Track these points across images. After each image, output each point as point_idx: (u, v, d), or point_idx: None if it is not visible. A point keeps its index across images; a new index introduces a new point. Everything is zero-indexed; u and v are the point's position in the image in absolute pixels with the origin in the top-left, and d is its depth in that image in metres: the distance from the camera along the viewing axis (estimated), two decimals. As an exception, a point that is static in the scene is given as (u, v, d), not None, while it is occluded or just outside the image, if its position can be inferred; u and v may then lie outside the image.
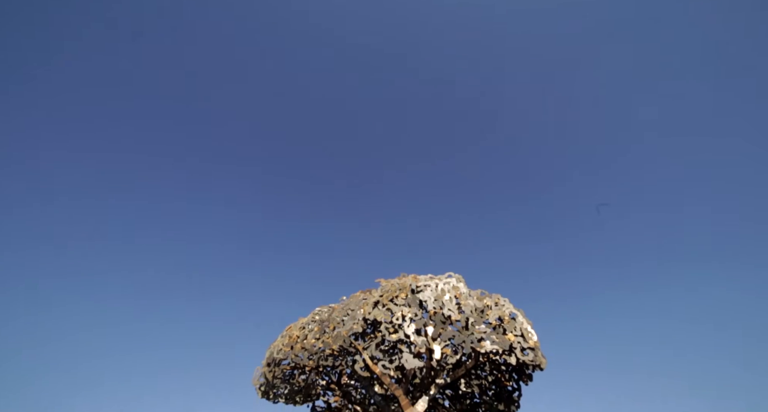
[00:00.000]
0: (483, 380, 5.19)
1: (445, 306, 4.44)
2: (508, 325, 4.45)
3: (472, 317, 4.42)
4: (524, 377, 4.84)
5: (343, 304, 5.06)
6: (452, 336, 4.29)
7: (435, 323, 4.36)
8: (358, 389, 5.58)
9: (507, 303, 4.71)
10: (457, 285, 4.73)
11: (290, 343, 5.24)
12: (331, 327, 4.74)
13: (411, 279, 4.78)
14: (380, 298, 4.59)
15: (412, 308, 4.45)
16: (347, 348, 4.49)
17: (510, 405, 5.05)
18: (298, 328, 5.42)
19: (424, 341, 4.22)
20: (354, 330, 4.44)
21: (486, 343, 4.22)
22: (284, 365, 5.35)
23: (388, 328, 4.33)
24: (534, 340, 4.42)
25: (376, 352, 4.36)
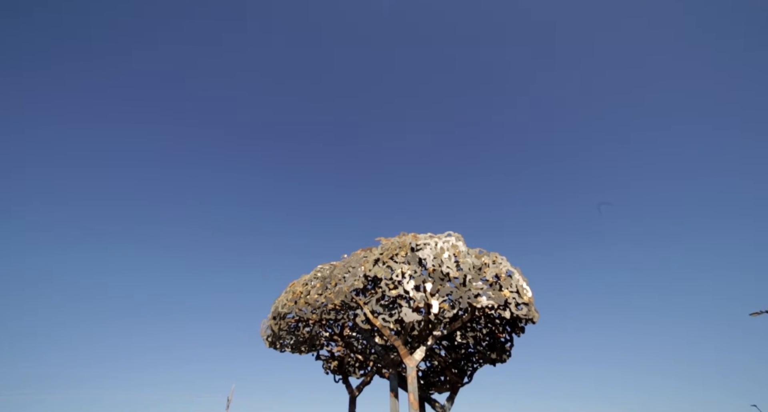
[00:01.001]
0: (478, 332, 5.47)
1: (443, 264, 4.55)
2: (505, 282, 4.58)
3: (470, 274, 4.54)
4: (517, 330, 5.09)
5: (344, 261, 5.19)
6: (450, 292, 4.44)
7: (434, 279, 4.49)
8: (360, 340, 5.91)
9: (504, 261, 4.82)
10: (456, 244, 4.81)
11: (294, 298, 5.45)
12: (333, 283, 4.90)
13: (411, 238, 4.85)
14: (381, 256, 4.69)
15: (411, 266, 4.56)
16: (349, 303, 4.67)
17: (502, 354, 5.37)
18: (301, 284, 5.61)
19: (423, 297, 4.38)
20: (355, 286, 4.59)
21: (482, 298, 4.37)
22: (289, 319, 5.60)
23: (388, 284, 4.47)
24: (528, 296, 4.58)
25: (376, 306, 4.54)
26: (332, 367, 6.33)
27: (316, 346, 5.97)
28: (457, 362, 5.75)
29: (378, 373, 6.09)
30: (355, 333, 5.54)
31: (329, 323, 5.54)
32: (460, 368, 5.73)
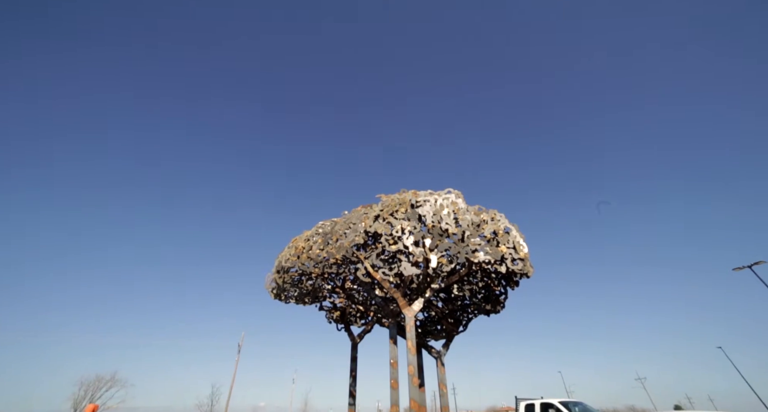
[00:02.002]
0: (474, 286, 5.70)
1: (443, 220, 4.60)
2: (502, 238, 4.67)
3: (468, 230, 4.61)
4: (512, 283, 5.30)
5: (345, 218, 5.26)
6: (448, 247, 4.54)
7: (433, 235, 4.58)
8: (361, 292, 6.18)
9: (503, 218, 4.87)
10: (455, 201, 4.83)
11: (296, 253, 5.60)
12: (335, 239, 5.01)
13: (411, 194, 4.86)
14: (381, 212, 4.73)
15: (411, 222, 4.62)
16: (350, 257, 4.80)
17: (496, 306, 5.64)
18: (303, 239, 5.74)
19: (422, 252, 4.49)
20: (356, 242, 4.69)
21: (480, 254, 4.48)
22: (292, 272, 5.81)
23: (388, 240, 4.56)
24: (524, 252, 4.70)
25: (376, 261, 4.68)
26: (335, 317, 6.70)
27: (319, 298, 6.26)
28: (453, 312, 6.06)
29: (378, 322, 6.46)
30: (356, 286, 5.78)
31: (331, 276, 5.76)
32: (456, 318, 6.06)
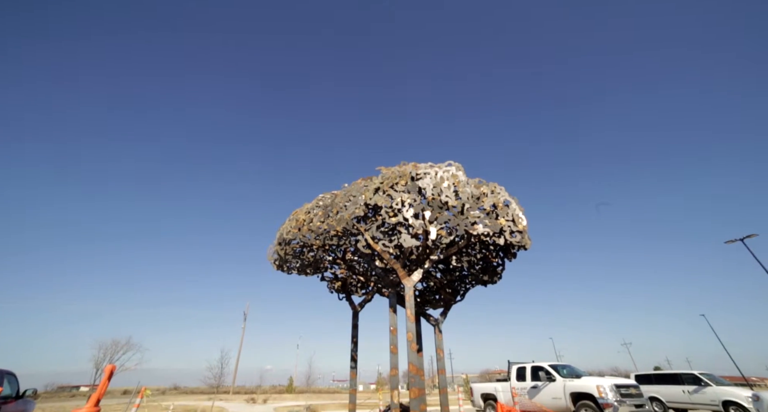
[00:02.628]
0: (472, 257, 5.79)
1: (443, 193, 4.59)
2: (501, 211, 4.68)
3: (468, 203, 4.62)
4: (509, 255, 5.38)
5: (345, 190, 5.24)
6: (448, 220, 4.56)
7: (433, 208, 4.58)
8: (361, 263, 6.29)
9: (503, 191, 4.86)
10: (456, 173, 4.79)
11: (297, 225, 5.65)
12: (335, 211, 5.02)
13: (411, 167, 4.81)
14: (381, 185, 4.71)
15: (411, 194, 4.61)
16: (350, 229, 4.84)
17: (493, 276, 5.77)
18: (304, 212, 5.76)
19: (422, 224, 4.52)
20: (356, 214, 4.71)
21: (479, 226, 4.52)
22: (294, 244, 5.89)
23: (388, 212, 4.57)
24: (523, 224, 4.73)
25: (376, 233, 4.72)
26: (336, 287, 6.88)
27: (321, 269, 6.39)
28: (452, 283, 6.22)
29: (378, 292, 6.64)
30: (356, 257, 5.88)
31: (332, 248, 5.84)
32: (454, 288, 6.22)
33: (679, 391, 15.29)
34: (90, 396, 1.96)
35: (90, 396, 1.96)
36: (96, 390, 2.05)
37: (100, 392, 2.02)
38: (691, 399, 14.78)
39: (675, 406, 15.57)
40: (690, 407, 15.10)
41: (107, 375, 2.15)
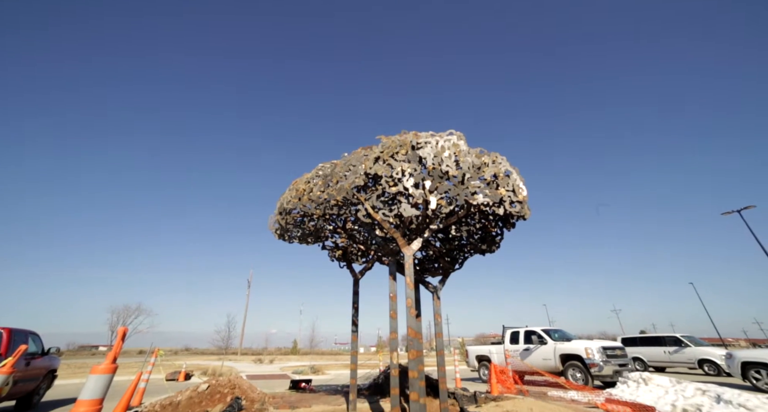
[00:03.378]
0: (471, 227, 5.86)
1: (443, 162, 4.55)
2: (502, 181, 4.66)
3: (469, 172, 4.59)
4: (508, 225, 5.44)
5: (344, 160, 5.20)
6: (448, 190, 4.56)
7: (433, 177, 4.57)
8: (361, 232, 6.38)
9: (504, 161, 4.82)
10: (457, 143, 4.72)
11: (297, 195, 5.65)
12: (335, 181, 5.01)
13: (412, 136, 4.74)
14: (381, 154, 4.66)
15: (411, 164, 4.57)
16: (350, 199, 4.86)
17: (492, 246, 5.87)
18: (304, 182, 5.75)
19: (422, 194, 4.53)
20: (356, 183, 4.69)
21: (479, 196, 4.52)
22: (294, 214, 5.93)
23: (388, 181, 4.56)
24: (523, 194, 4.73)
25: (376, 202, 4.74)
26: (337, 255, 7.03)
27: (321, 238, 6.49)
28: (451, 251, 6.34)
29: (378, 260, 6.79)
30: (357, 226, 5.95)
31: (332, 217, 5.90)
32: (453, 256, 6.36)
33: (660, 352, 16.34)
34: (107, 355, 2.09)
35: (107, 355, 2.09)
36: (112, 349, 2.16)
37: (116, 351, 2.13)
38: (670, 358, 15.86)
39: (655, 365, 16.71)
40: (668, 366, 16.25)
41: (120, 337, 2.26)
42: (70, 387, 11.74)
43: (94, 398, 1.89)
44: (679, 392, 6.59)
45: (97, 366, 2.01)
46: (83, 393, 1.90)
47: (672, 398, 6.44)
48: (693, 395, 6.31)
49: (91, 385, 1.93)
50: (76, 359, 39.54)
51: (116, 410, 5.06)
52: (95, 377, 1.95)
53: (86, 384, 1.93)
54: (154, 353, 7.96)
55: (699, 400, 6.05)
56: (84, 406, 1.83)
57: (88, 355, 51.74)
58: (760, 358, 9.45)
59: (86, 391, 1.91)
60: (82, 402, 1.84)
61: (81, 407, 1.82)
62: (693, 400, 6.13)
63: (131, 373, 17.03)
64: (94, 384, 1.94)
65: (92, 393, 1.90)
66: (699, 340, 16.44)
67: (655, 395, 6.82)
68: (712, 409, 5.68)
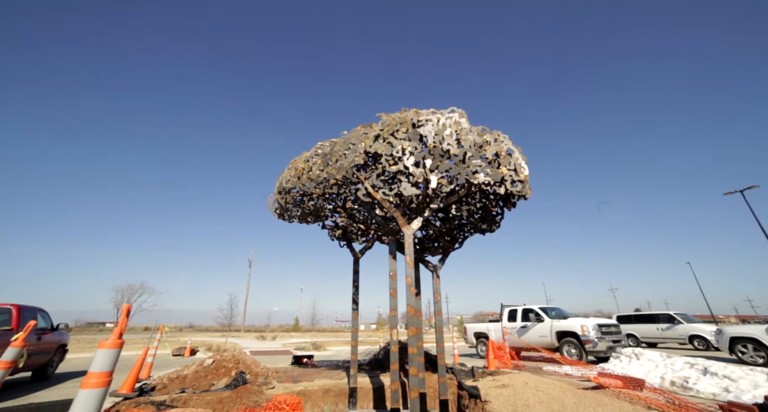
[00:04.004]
0: (472, 206, 5.86)
1: (444, 141, 4.48)
2: (504, 160, 4.61)
3: (470, 151, 4.53)
4: (509, 205, 5.44)
5: (344, 138, 5.12)
6: (449, 168, 4.52)
7: (434, 156, 4.51)
8: (361, 211, 6.38)
9: (506, 140, 4.74)
10: (459, 120, 4.64)
11: (297, 174, 5.61)
12: (334, 160, 4.95)
13: (412, 113, 4.64)
14: (381, 132, 4.58)
15: (412, 142, 4.51)
16: (350, 178, 4.82)
17: (492, 225, 5.88)
18: (303, 160, 5.69)
19: (422, 173, 4.49)
20: (356, 162, 4.64)
21: (480, 175, 4.49)
22: (294, 193, 5.91)
23: (388, 160, 4.51)
24: (525, 174, 4.69)
25: (376, 181, 4.71)
26: (337, 235, 7.07)
27: (321, 217, 6.50)
28: (451, 231, 6.37)
29: (378, 240, 6.83)
30: (357, 205, 5.94)
31: (332, 196, 5.88)
32: (453, 236, 6.39)
33: (653, 328, 16.88)
34: (113, 331, 2.13)
35: (113, 331, 2.13)
36: (117, 325, 2.20)
37: (121, 327, 2.17)
38: (663, 335, 16.42)
39: (647, 341, 17.28)
40: (660, 342, 16.85)
41: (125, 313, 2.30)
42: (81, 361, 12.13)
43: (104, 371, 1.94)
44: (669, 366, 6.81)
45: (104, 341, 2.05)
46: (93, 366, 1.94)
47: (661, 372, 6.66)
48: (681, 369, 6.53)
49: (99, 358, 1.97)
50: (85, 334, 40.71)
51: (126, 381, 5.24)
52: (103, 352, 2.00)
53: (95, 358, 1.97)
54: (160, 329, 8.17)
55: (687, 373, 6.27)
56: (95, 378, 1.88)
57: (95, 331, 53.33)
58: (747, 333, 9.81)
59: (96, 364, 1.95)
60: (93, 374, 1.88)
61: (92, 379, 1.87)
62: (681, 373, 6.35)
63: (138, 348, 17.54)
64: (102, 358, 1.98)
65: (101, 366, 1.94)
66: (691, 317, 16.92)
67: (645, 369, 7.06)
68: (699, 380, 5.90)
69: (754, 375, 5.62)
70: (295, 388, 5.95)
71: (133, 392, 5.15)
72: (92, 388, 1.87)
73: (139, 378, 6.21)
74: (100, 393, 1.90)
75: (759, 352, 9.56)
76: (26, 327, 2.95)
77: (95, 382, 1.90)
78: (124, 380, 5.32)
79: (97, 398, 1.88)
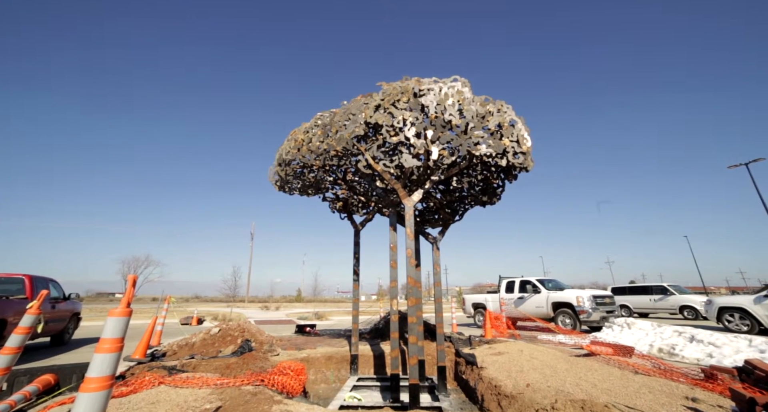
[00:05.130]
0: (473, 178, 5.82)
1: (446, 111, 4.37)
2: (506, 131, 4.52)
3: (473, 122, 4.43)
4: (510, 177, 5.40)
5: (344, 108, 4.98)
6: (450, 140, 4.44)
7: (435, 126, 4.42)
8: (362, 183, 6.35)
9: (509, 110, 4.62)
10: (461, 90, 4.49)
11: (296, 145, 5.52)
12: (334, 131, 4.85)
13: (414, 82, 4.49)
14: (381, 102, 4.45)
15: (413, 112, 4.40)
16: (350, 149, 4.75)
17: (492, 197, 5.88)
18: (302, 132, 5.58)
19: (423, 144, 4.41)
20: (356, 133, 4.55)
21: (482, 147, 4.42)
22: (294, 165, 5.85)
23: (388, 131, 4.42)
24: (528, 145, 4.61)
25: (377, 153, 4.64)
26: (338, 207, 7.08)
27: (322, 189, 6.48)
28: (451, 203, 6.37)
29: (379, 212, 6.85)
30: (357, 177, 5.90)
31: (332, 168, 5.83)
32: (453, 208, 6.40)
33: (646, 299, 17.42)
34: (121, 300, 2.18)
35: (121, 300, 2.18)
36: (125, 295, 2.25)
37: (128, 296, 2.22)
38: (654, 305, 17.01)
39: (640, 311, 17.90)
40: (652, 312, 17.48)
41: (131, 283, 2.34)
42: (94, 328, 12.61)
43: (116, 337, 2.00)
44: (658, 334, 7.07)
45: (114, 310, 2.11)
46: (105, 333, 2.00)
47: (651, 340, 6.92)
48: (670, 337, 6.78)
49: (110, 326, 2.03)
50: (96, 304, 42.06)
51: (139, 348, 5.46)
52: (113, 319, 2.05)
53: (106, 325, 2.03)
54: (167, 300, 8.40)
55: (674, 340, 6.51)
56: (107, 343, 1.94)
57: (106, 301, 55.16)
58: (735, 303, 10.20)
59: (107, 331, 2.01)
60: (105, 340, 1.95)
61: (105, 344, 1.93)
62: (669, 340, 6.60)
63: (147, 317, 18.16)
64: (113, 325, 2.04)
65: (113, 333, 2.00)
66: (684, 289, 17.39)
67: (636, 337, 7.33)
68: (685, 347, 6.15)
69: (738, 342, 5.86)
70: (299, 355, 6.21)
71: (145, 357, 5.39)
72: (106, 352, 1.94)
73: (150, 345, 6.48)
74: (114, 357, 1.97)
75: (744, 320, 9.96)
76: (39, 296, 3.06)
77: (108, 347, 1.97)
78: (136, 346, 5.54)
79: (111, 361, 1.95)
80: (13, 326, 5.78)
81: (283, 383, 3.83)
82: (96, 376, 1.84)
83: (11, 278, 6.81)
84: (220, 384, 3.63)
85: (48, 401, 3.52)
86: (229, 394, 3.35)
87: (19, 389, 3.60)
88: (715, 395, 3.54)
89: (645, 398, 3.51)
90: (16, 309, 5.97)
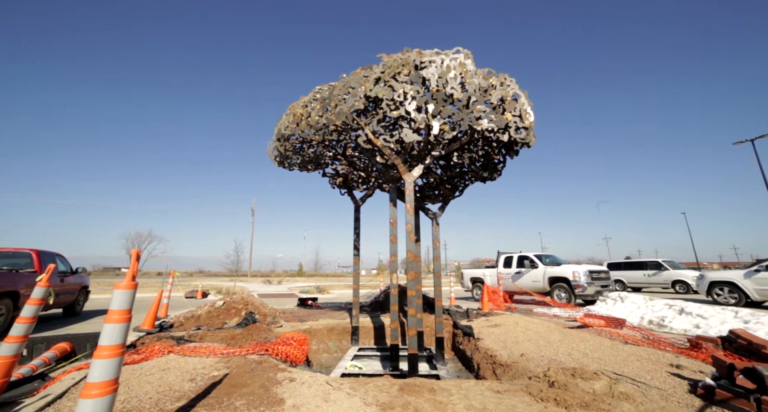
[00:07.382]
0: (474, 154, 5.76)
1: (448, 84, 4.26)
2: (509, 105, 4.42)
3: (475, 96, 4.32)
4: (511, 152, 5.35)
5: (343, 82, 4.85)
6: (452, 114, 4.36)
7: (437, 100, 4.32)
8: (362, 159, 6.30)
9: (513, 84, 4.49)
10: (464, 62, 4.35)
11: (295, 120, 5.43)
12: (333, 105, 4.75)
13: (415, 54, 4.34)
14: (382, 75, 4.33)
15: (414, 86, 4.28)
16: (350, 124, 4.67)
17: (493, 173, 5.85)
18: (301, 106, 5.46)
19: (424, 118, 4.33)
20: (356, 107, 4.46)
21: (483, 121, 4.34)
22: (293, 140, 5.78)
23: (389, 105, 4.33)
24: (530, 120, 4.53)
25: (377, 127, 4.57)
26: (338, 183, 7.06)
27: (322, 165, 6.43)
28: (452, 179, 6.35)
29: (379, 187, 6.84)
30: (357, 153, 5.84)
31: (332, 143, 5.76)
32: (453, 184, 6.39)
33: (640, 274, 17.85)
34: (126, 274, 2.23)
35: (126, 274, 2.23)
36: (129, 269, 2.30)
37: (133, 270, 2.27)
38: (648, 280, 17.47)
39: (633, 286, 18.40)
40: (645, 287, 17.97)
41: (134, 258, 2.39)
42: (103, 301, 12.98)
43: (123, 309, 2.07)
44: (650, 307, 7.28)
45: (119, 283, 2.17)
46: (112, 305, 2.07)
47: (642, 312, 7.14)
48: (660, 309, 6.99)
49: (117, 298, 2.09)
50: (103, 278, 43.09)
51: (147, 319, 5.64)
52: (119, 292, 2.11)
53: (113, 298, 2.09)
54: (171, 274, 8.59)
55: (665, 313, 6.72)
56: (116, 314, 2.01)
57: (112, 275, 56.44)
58: (726, 277, 10.51)
59: (115, 303, 2.07)
60: (114, 311, 2.02)
61: (114, 315, 2.00)
62: (659, 313, 6.81)
63: (153, 291, 18.61)
64: (119, 297, 2.10)
65: (120, 305, 2.07)
66: (677, 264, 17.75)
67: (628, 310, 7.55)
68: (674, 319, 6.36)
69: (724, 314, 6.07)
70: (301, 326, 6.43)
71: (153, 328, 5.58)
72: (115, 323, 2.02)
73: (157, 317, 6.69)
74: (123, 327, 2.05)
75: (733, 294, 10.33)
76: (47, 269, 3.15)
77: (117, 318, 2.04)
78: (144, 318, 5.72)
79: (121, 331, 2.03)
80: (26, 297, 5.97)
81: (287, 352, 3.99)
82: (107, 344, 1.93)
83: (19, 252, 6.95)
84: (226, 353, 3.79)
85: (66, 366, 3.72)
86: (235, 362, 3.51)
87: (38, 355, 3.86)
88: (698, 362, 3.71)
89: (633, 365, 3.67)
90: (26, 282, 6.14)
